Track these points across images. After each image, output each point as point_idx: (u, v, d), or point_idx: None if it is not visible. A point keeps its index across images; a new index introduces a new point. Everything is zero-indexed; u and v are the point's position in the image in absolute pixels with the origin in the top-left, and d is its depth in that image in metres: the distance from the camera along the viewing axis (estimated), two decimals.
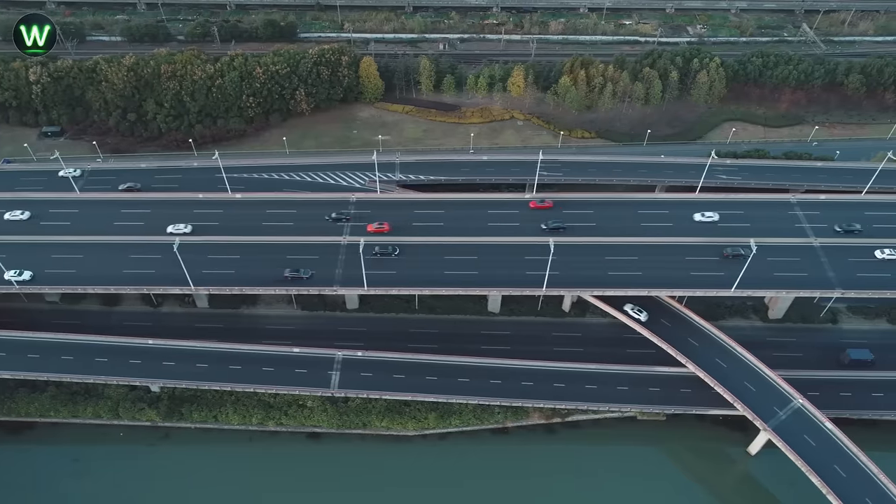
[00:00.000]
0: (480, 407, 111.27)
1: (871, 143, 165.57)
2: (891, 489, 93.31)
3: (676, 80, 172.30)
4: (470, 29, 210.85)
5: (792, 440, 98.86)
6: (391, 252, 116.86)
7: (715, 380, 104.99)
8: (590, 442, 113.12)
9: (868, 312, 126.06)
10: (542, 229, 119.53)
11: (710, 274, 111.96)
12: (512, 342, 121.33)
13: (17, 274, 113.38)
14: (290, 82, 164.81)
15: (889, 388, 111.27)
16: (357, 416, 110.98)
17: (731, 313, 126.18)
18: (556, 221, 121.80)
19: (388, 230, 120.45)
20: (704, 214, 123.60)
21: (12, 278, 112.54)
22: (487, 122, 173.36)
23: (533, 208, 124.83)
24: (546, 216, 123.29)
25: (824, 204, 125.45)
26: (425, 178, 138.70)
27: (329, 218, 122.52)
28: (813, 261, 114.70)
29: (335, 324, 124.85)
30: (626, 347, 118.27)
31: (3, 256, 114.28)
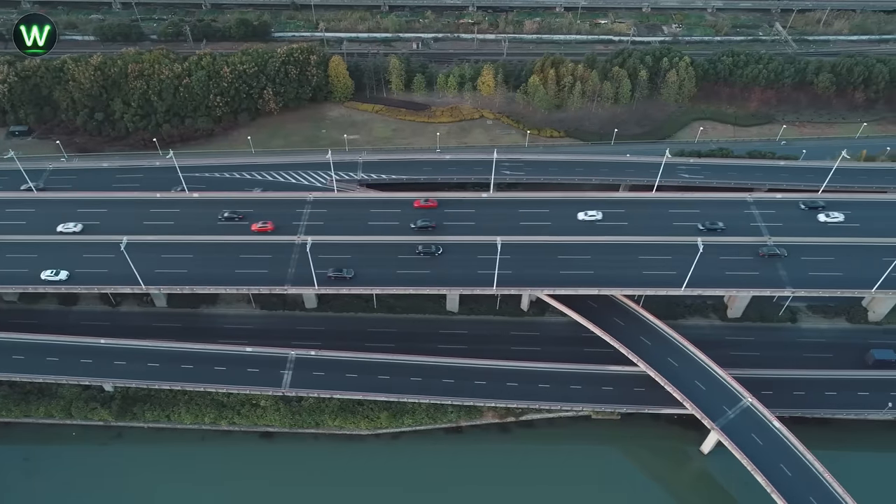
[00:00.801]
0: (433, 406, 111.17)
1: (840, 142, 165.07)
2: (835, 488, 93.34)
3: (646, 80, 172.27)
4: (445, 28, 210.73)
5: (739, 439, 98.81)
6: (434, 252, 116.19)
7: (665, 379, 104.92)
8: (544, 441, 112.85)
9: (828, 311, 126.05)
10: (499, 228, 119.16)
11: (662, 273, 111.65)
12: (470, 341, 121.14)
13: (53, 274, 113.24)
14: (258, 81, 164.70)
15: (842, 387, 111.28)
16: (310, 415, 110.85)
17: (691, 312, 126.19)
18: (425, 220, 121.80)
19: (271, 229, 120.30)
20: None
21: (49, 277, 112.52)
22: (457, 121, 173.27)
23: (417, 207, 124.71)
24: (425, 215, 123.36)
25: (781, 203, 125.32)
26: (387, 178, 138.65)
27: (221, 218, 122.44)
28: (766, 259, 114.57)
29: (294, 323, 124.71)
30: (583, 346, 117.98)
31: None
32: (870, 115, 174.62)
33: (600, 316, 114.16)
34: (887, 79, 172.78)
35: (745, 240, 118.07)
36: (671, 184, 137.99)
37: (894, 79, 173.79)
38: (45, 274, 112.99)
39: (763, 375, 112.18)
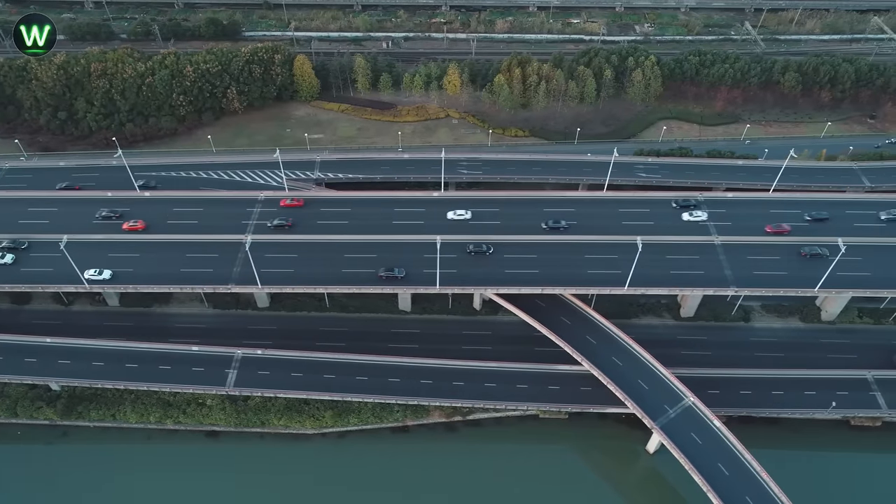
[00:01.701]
0: (380, 405, 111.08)
1: (806, 141, 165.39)
2: (771, 487, 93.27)
3: (612, 79, 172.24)
4: (416, 28, 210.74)
5: (679, 438, 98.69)
6: (486, 251, 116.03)
7: (608, 378, 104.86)
8: (491, 440, 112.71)
9: (781, 311, 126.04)
10: (443, 227, 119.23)
11: (607, 272, 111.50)
12: (422, 340, 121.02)
13: (97, 273, 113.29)
14: (222, 81, 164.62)
15: (789, 387, 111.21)
16: (255, 414, 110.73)
17: (644, 311, 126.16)
18: (281, 219, 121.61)
19: (141, 228, 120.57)
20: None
21: (92, 277, 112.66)
22: (422, 120, 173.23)
23: (283, 206, 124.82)
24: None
25: (731, 202, 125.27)
26: (343, 177, 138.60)
27: (99, 216, 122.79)
28: (712, 259, 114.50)
29: (246, 322, 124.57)
30: (534, 346, 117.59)
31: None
32: (836, 114, 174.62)
33: (548, 315, 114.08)
34: (853, 78, 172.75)
35: (696, 238, 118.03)
36: (629, 183, 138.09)
37: (860, 78, 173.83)
38: (89, 273, 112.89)
39: (710, 375, 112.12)
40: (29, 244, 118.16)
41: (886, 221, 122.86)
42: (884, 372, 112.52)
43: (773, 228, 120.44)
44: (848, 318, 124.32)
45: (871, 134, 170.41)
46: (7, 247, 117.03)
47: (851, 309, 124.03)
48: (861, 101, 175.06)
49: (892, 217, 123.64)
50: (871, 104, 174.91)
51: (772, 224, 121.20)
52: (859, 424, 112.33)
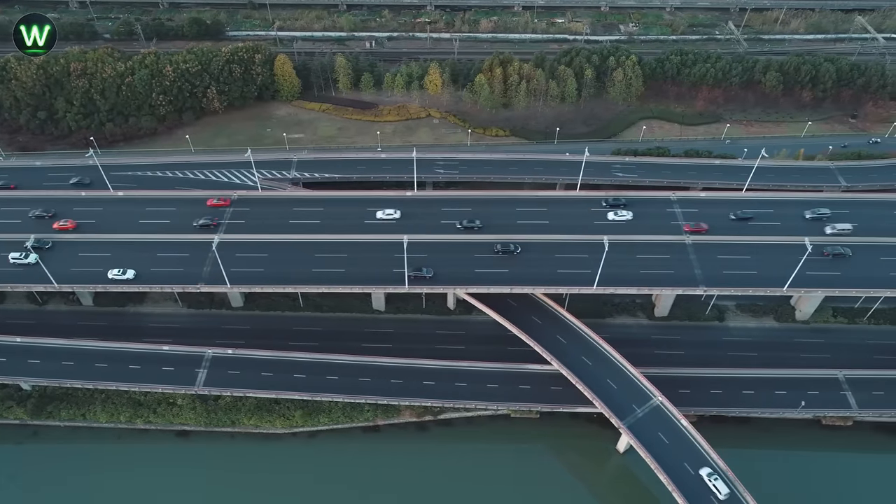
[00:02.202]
0: (350, 405, 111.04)
1: (786, 141, 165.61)
2: (737, 486, 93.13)
3: (592, 79, 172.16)
4: (401, 27, 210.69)
5: (645, 438, 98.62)
6: (513, 250, 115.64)
7: (577, 377, 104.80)
8: (462, 440, 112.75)
9: (756, 310, 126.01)
10: (419, 227, 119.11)
11: (577, 271, 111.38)
12: (396, 340, 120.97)
13: (120, 273, 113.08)
14: (201, 80, 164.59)
15: (760, 386, 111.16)
16: (226, 413, 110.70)
17: (619, 311, 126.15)
18: (207, 219, 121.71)
19: (71, 227, 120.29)
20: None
21: (116, 276, 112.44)
22: (403, 120, 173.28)
23: (210, 206, 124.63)
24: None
25: (703, 201, 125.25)
26: (319, 176, 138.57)
27: (32, 216, 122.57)
28: (683, 258, 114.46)
29: (220, 322, 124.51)
30: (507, 345, 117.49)
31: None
32: (817, 113, 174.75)
33: (519, 315, 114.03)
34: (834, 78, 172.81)
35: (668, 238, 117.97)
36: (605, 182, 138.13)
37: (841, 78, 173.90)
38: (112, 273, 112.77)
39: (681, 374, 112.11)
40: (53, 244, 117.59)
41: (810, 220, 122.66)
42: (855, 371, 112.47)
43: (690, 227, 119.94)
44: (822, 318, 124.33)
45: (853, 134, 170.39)
46: (33, 246, 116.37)
47: (826, 309, 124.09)
48: (842, 100, 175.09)
49: (816, 216, 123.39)
50: (852, 104, 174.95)
51: (690, 223, 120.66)
52: (830, 424, 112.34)
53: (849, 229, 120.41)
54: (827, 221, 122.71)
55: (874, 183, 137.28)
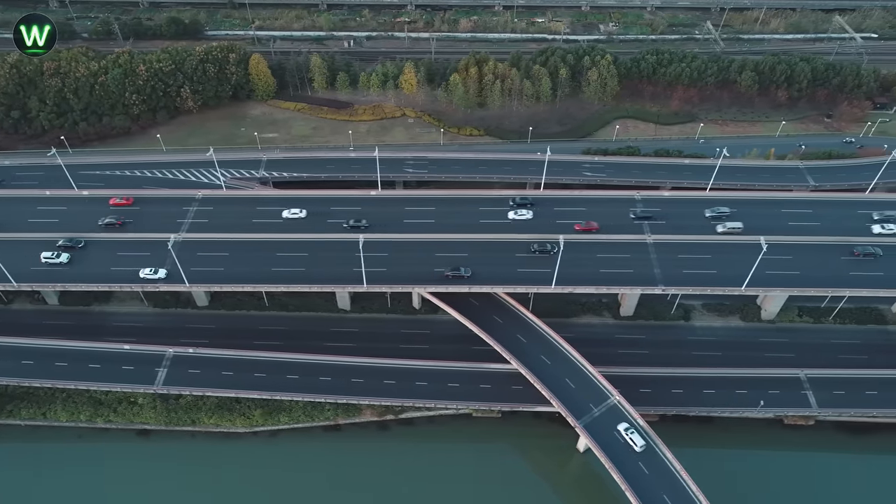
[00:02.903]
0: (311, 404, 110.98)
1: (761, 140, 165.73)
2: (690, 485, 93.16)
3: (567, 78, 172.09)
4: (380, 27, 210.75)
5: (601, 437, 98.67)
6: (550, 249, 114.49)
7: (535, 376, 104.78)
8: (424, 439, 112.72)
9: (722, 310, 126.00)
10: (381, 225, 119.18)
11: (536, 270, 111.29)
12: (360, 339, 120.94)
13: (152, 272, 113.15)
14: (175, 80, 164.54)
15: (721, 385, 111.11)
16: (186, 413, 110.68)
17: (585, 310, 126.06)
18: (112, 218, 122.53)
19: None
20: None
21: (147, 276, 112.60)
22: (378, 119, 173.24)
23: (113, 205, 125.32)
24: None
25: (667, 201, 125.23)
26: (288, 176, 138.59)
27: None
28: (643, 257, 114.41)
29: (185, 321, 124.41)
30: (471, 344, 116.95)
31: None
32: (793, 113, 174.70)
33: (481, 314, 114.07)
34: (809, 77, 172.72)
35: (629, 237, 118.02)
36: (573, 182, 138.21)
37: (817, 77, 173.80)
38: (145, 272, 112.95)
39: (643, 374, 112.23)
40: (85, 243, 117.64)
41: (710, 219, 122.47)
42: (817, 371, 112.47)
43: (581, 226, 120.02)
44: (788, 318, 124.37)
45: (827, 133, 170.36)
46: (63, 245, 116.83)
47: (792, 308, 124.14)
48: (818, 100, 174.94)
49: (715, 215, 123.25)
50: (827, 103, 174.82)
51: (581, 222, 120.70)
52: (792, 423, 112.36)
53: (739, 228, 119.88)
54: (722, 221, 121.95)
55: (842, 182, 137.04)
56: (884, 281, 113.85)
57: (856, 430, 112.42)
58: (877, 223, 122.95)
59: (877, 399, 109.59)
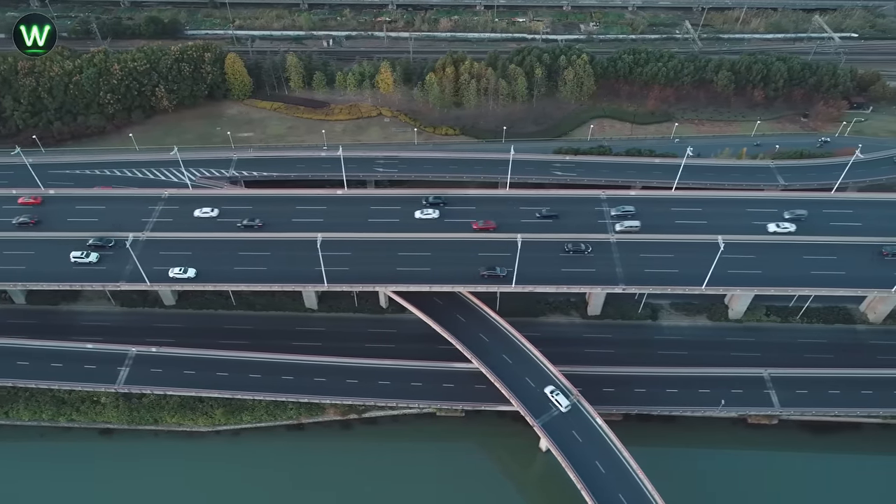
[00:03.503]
0: (274, 403, 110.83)
1: (737, 140, 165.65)
2: (646, 484, 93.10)
3: (543, 78, 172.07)
4: (360, 26, 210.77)
5: (559, 436, 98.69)
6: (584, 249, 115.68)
7: (495, 375, 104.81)
8: (387, 438, 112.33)
9: (689, 309, 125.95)
10: (344, 224, 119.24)
11: None
12: (327, 339, 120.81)
13: (181, 271, 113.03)
14: (150, 79, 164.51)
15: (684, 385, 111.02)
16: (148, 412, 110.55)
17: (552, 310, 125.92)
18: (26, 217, 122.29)
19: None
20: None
21: (177, 275, 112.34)
22: (354, 118, 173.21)
23: (21, 204, 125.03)
24: None
25: (633, 200, 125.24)
26: (258, 175, 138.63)
27: None
28: (606, 256, 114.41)
29: (151, 320, 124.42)
30: (438, 344, 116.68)
31: None
32: (769, 112, 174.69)
33: (445, 313, 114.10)
34: (785, 77, 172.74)
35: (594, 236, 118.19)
36: (544, 181, 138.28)
37: (793, 77, 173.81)
38: (174, 272, 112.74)
39: (607, 373, 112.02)
40: (116, 242, 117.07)
41: (615, 218, 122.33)
42: (780, 370, 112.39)
43: (479, 225, 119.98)
44: (755, 317, 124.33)
45: (803, 133, 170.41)
46: (94, 244, 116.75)
47: (759, 308, 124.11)
48: (794, 99, 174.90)
49: (619, 213, 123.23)
50: (803, 103, 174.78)
51: (479, 221, 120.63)
52: (756, 423, 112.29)
53: (637, 227, 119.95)
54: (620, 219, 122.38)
55: (812, 182, 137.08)
56: (845, 280, 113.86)
57: (819, 429, 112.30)
58: (779, 221, 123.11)
59: (839, 398, 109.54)
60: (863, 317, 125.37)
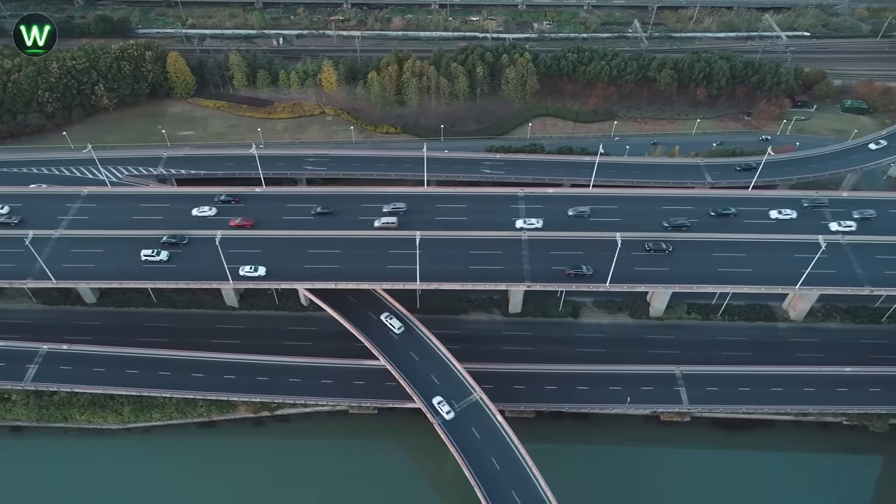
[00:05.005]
0: (184, 400, 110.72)
1: (678, 138, 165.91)
2: (540, 482, 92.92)
3: (486, 76, 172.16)
4: (313, 25, 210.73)
5: (458, 433, 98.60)
6: (665, 249, 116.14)
7: (400, 372, 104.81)
8: (300, 436, 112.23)
9: (611, 307, 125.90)
10: (261, 222, 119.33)
11: (406, 267, 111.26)
12: (246, 336, 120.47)
13: (252, 270, 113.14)
14: (89, 77, 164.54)
15: (594, 382, 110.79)
16: (58, 409, 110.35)
17: (474, 307, 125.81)
18: None
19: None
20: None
21: (247, 273, 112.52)
22: (296, 117, 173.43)
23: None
24: None
25: (548, 198, 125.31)
26: (185, 173, 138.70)
27: None
28: (515, 254, 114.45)
29: (72, 318, 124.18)
30: (356, 341, 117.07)
31: None
32: (713, 111, 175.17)
33: (357, 310, 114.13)
34: (728, 75, 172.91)
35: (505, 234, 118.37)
36: (471, 179, 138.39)
37: (736, 76, 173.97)
38: (245, 270, 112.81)
39: (519, 370, 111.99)
40: (189, 240, 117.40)
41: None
42: (691, 367, 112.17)
43: (236, 223, 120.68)
44: (676, 315, 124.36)
45: (746, 131, 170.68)
46: (168, 242, 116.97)
47: (681, 305, 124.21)
48: (737, 98, 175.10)
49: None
50: (746, 101, 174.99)
51: (236, 218, 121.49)
52: (669, 420, 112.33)
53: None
54: None
55: (739, 179, 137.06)
56: (759, 278, 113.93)
57: (732, 426, 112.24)
58: None
59: (749, 396, 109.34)
60: (784, 315, 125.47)
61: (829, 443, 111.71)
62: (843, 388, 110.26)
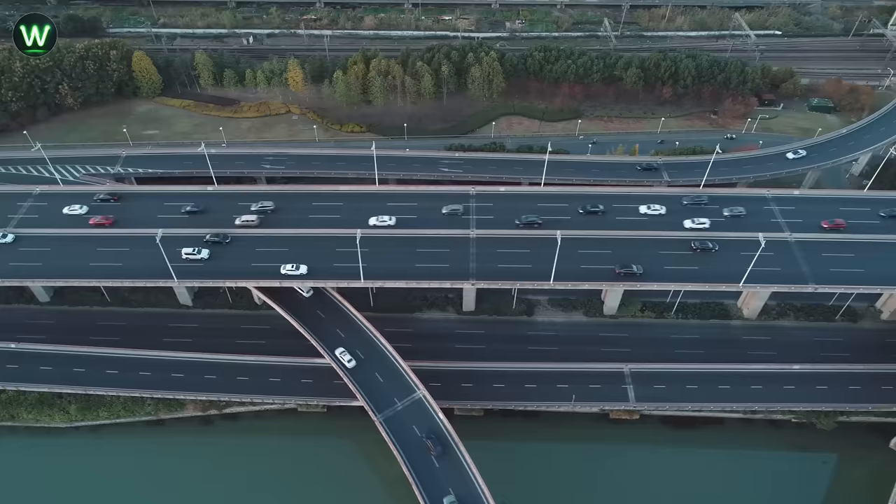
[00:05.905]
0: (131, 399, 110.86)
1: (643, 137, 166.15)
2: (477, 479, 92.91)
3: (452, 75, 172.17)
4: (284, 24, 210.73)
5: (398, 430, 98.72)
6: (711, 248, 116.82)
7: (344, 370, 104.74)
8: (249, 434, 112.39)
9: (566, 305, 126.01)
10: (211, 221, 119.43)
11: (352, 265, 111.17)
12: (199, 335, 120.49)
13: (294, 268, 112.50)
14: (53, 77, 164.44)
15: (541, 380, 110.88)
16: (5, 408, 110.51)
17: (429, 305, 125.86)
18: None
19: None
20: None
21: (289, 272, 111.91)
22: (262, 116, 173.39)
23: None
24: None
25: (500, 196, 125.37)
26: (143, 172, 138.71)
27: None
28: (463, 252, 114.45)
29: (25, 316, 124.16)
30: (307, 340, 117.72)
31: None
32: (679, 110, 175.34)
33: (307, 309, 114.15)
34: (694, 74, 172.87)
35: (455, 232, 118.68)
36: (428, 178, 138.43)
37: (701, 74, 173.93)
38: (286, 268, 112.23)
39: (466, 368, 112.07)
40: (232, 238, 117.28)
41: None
42: (639, 365, 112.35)
43: (95, 221, 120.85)
44: (630, 312, 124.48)
45: (711, 129, 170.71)
46: (210, 240, 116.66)
47: (635, 303, 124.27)
48: (703, 97, 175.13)
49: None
50: (712, 100, 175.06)
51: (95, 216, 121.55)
52: (618, 418, 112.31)
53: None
54: None
55: (695, 178, 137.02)
56: (718, 276, 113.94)
57: (680, 424, 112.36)
58: None
59: (696, 393, 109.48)
60: (738, 313, 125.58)
61: (778, 440, 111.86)
62: (790, 385, 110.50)
